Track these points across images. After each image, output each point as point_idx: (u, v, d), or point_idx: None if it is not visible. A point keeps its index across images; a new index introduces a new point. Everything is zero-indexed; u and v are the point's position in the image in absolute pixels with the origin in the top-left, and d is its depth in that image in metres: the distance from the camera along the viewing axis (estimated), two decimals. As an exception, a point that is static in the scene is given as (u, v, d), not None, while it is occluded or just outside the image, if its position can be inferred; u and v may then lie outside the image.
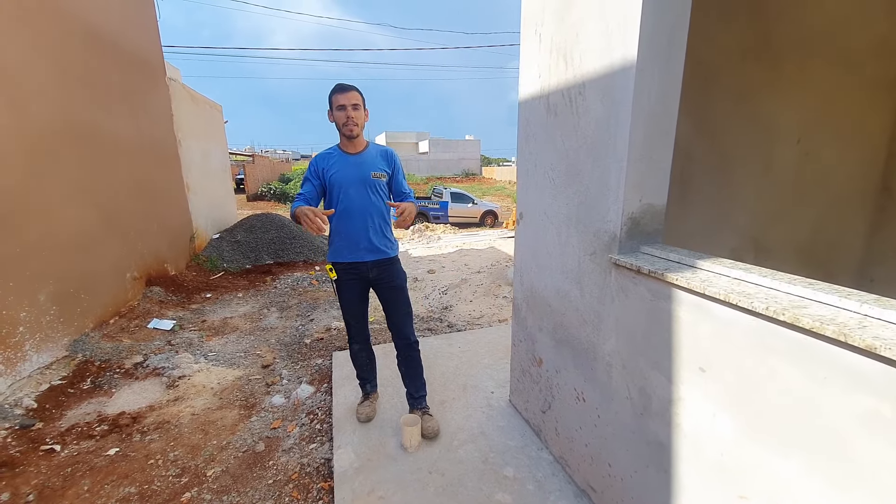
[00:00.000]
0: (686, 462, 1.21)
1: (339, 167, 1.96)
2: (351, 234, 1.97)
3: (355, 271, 2.02)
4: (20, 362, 2.71)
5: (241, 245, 6.38)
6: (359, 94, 1.92)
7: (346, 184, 1.94)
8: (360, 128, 1.94)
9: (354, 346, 2.23)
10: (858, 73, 2.34)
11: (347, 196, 1.95)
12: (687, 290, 1.14)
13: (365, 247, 1.98)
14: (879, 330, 0.78)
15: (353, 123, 1.90)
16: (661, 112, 1.32)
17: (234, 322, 4.02)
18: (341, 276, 2.04)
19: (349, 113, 1.89)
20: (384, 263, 2.04)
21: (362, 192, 1.95)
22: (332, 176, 1.95)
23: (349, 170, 1.95)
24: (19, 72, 2.97)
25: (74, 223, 3.41)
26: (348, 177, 1.95)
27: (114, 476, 1.98)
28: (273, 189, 19.48)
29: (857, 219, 2.63)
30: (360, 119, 1.93)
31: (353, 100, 1.89)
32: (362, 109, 1.94)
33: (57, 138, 3.29)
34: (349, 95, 1.89)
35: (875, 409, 0.77)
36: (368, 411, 2.27)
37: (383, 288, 2.08)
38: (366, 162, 1.98)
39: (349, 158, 1.98)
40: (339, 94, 1.89)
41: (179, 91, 5.77)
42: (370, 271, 2.02)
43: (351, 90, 1.90)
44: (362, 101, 1.94)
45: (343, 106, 1.89)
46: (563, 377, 1.81)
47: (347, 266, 2.02)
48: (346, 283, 2.05)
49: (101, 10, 4.05)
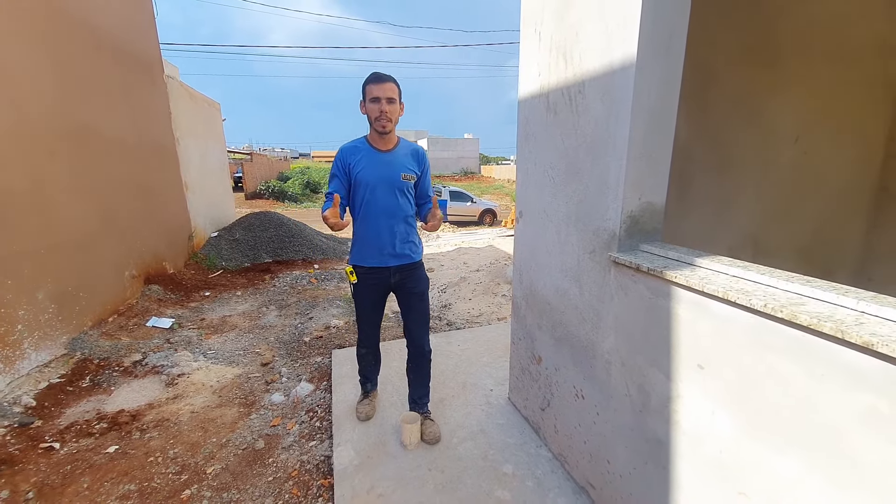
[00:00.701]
0: (685, 459, 1.22)
1: (366, 164, 1.81)
2: (375, 238, 1.86)
3: (377, 276, 1.92)
4: (19, 360, 2.71)
5: (240, 243, 6.37)
6: (396, 85, 1.76)
7: (374, 184, 1.81)
8: (393, 123, 1.78)
9: (362, 349, 2.17)
10: (857, 72, 2.35)
11: (374, 197, 1.82)
12: (686, 288, 1.14)
13: (389, 252, 1.88)
14: (877, 327, 0.78)
15: (385, 118, 1.74)
16: (661, 111, 1.32)
17: (233, 320, 4.01)
18: (361, 279, 1.93)
19: (383, 107, 1.72)
20: (408, 269, 1.95)
21: (390, 193, 1.83)
22: (358, 173, 1.81)
23: (378, 168, 1.81)
24: (17, 70, 2.95)
25: (73, 221, 3.40)
26: (376, 176, 1.81)
27: (113, 473, 1.98)
28: (271, 187, 19.44)
29: (855, 218, 2.65)
30: (395, 114, 1.77)
31: (388, 92, 1.72)
32: (398, 103, 1.77)
33: (55, 137, 3.28)
34: (385, 87, 1.72)
35: (873, 406, 0.78)
36: (368, 409, 2.25)
37: (404, 293, 2.00)
38: (396, 161, 1.84)
39: (378, 156, 1.83)
40: (373, 85, 1.72)
41: (177, 89, 5.75)
42: (392, 276, 1.93)
43: (387, 81, 1.73)
44: (398, 95, 1.77)
45: (377, 98, 1.72)
46: (562, 375, 1.82)
47: (369, 270, 1.91)
48: (366, 287, 1.95)
49: (98, 8, 4.03)
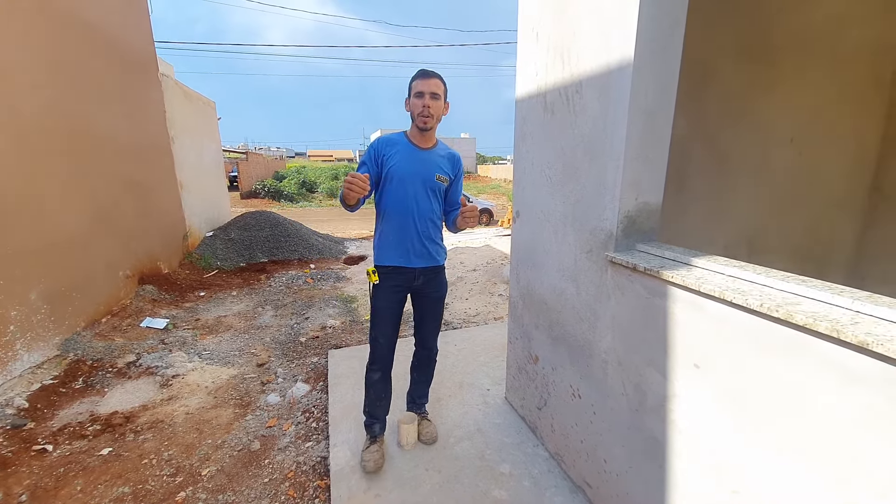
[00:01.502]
0: (680, 458, 1.22)
1: (402, 158, 1.75)
2: (401, 236, 1.79)
3: (401, 277, 1.83)
4: (11, 361, 2.68)
5: (235, 243, 6.33)
6: (441, 82, 1.71)
7: (407, 179, 1.74)
8: (435, 120, 1.72)
9: (376, 373, 1.90)
10: (851, 72, 2.37)
11: (405, 193, 1.75)
12: (682, 288, 1.15)
13: (416, 252, 1.81)
14: (872, 326, 0.79)
15: (428, 114, 1.68)
16: (658, 111, 1.32)
17: (229, 320, 3.99)
18: (384, 281, 1.82)
19: (426, 102, 1.67)
20: (432, 272, 1.88)
21: (422, 192, 1.77)
22: (392, 166, 1.74)
23: (414, 165, 1.75)
24: (10, 68, 2.92)
25: (66, 221, 3.37)
26: (411, 172, 1.74)
27: (107, 476, 1.97)
28: (267, 186, 19.37)
29: (850, 217, 2.67)
30: (438, 111, 1.71)
31: (433, 87, 1.67)
32: (442, 101, 1.72)
33: (48, 136, 3.24)
34: (430, 82, 1.67)
35: (868, 405, 0.78)
36: (377, 458, 1.89)
37: (425, 298, 1.93)
38: (432, 160, 1.78)
39: (416, 152, 1.77)
40: (419, 80, 1.69)
41: (172, 87, 5.70)
42: (417, 279, 1.85)
43: (433, 77, 1.69)
44: (444, 92, 1.72)
45: (421, 93, 1.67)
46: (558, 374, 1.82)
47: (393, 270, 1.82)
48: (389, 289, 1.84)
49: (92, 6, 3.99)
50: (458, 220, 1.75)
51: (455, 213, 1.86)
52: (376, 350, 1.88)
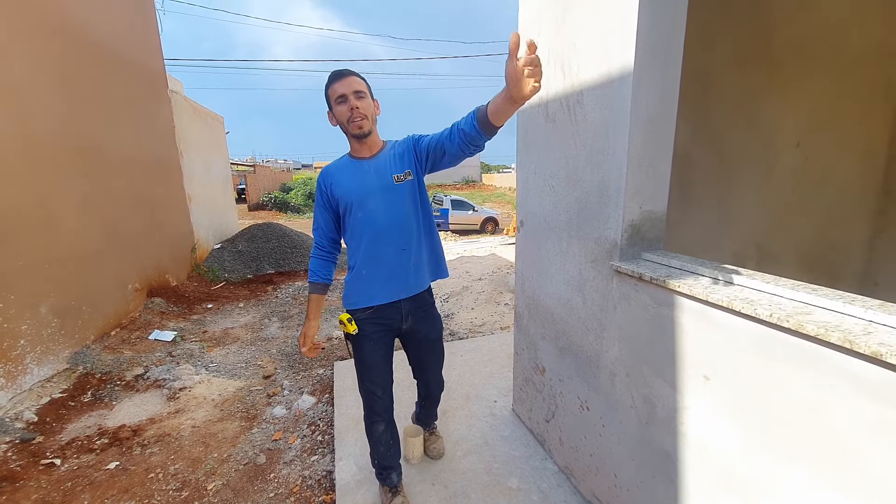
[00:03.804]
0: (692, 472, 1.19)
1: (349, 180, 1.49)
2: (377, 264, 1.50)
3: (385, 321, 1.56)
4: (21, 375, 2.70)
5: (243, 255, 6.39)
6: (360, 79, 1.45)
7: (360, 199, 1.47)
8: (370, 121, 1.45)
9: (379, 425, 1.65)
10: (857, 76, 2.35)
11: (367, 215, 1.47)
12: (689, 297, 1.13)
13: (398, 277, 1.52)
14: (885, 336, 0.77)
15: (359, 116, 1.42)
16: (660, 119, 1.32)
17: (235, 332, 4.00)
18: (364, 328, 1.54)
19: (352, 103, 1.41)
20: (421, 308, 1.62)
21: (387, 204, 1.47)
22: (340, 194, 1.49)
23: (362, 180, 1.48)
24: (24, 87, 3.00)
25: (76, 236, 3.42)
26: (362, 190, 1.47)
27: (114, 490, 1.96)
28: (274, 198, 19.59)
29: (860, 222, 2.63)
30: (369, 109, 1.45)
31: (354, 86, 1.42)
32: (369, 98, 1.46)
33: (60, 153, 3.32)
34: (348, 81, 1.42)
35: (882, 417, 0.76)
36: None
37: (419, 342, 1.69)
38: (383, 164, 1.50)
39: (362, 166, 1.50)
40: (335, 84, 1.43)
41: (181, 103, 5.83)
42: (405, 320, 1.58)
43: (348, 75, 1.43)
44: (367, 88, 1.47)
45: (343, 96, 1.41)
46: (566, 386, 1.79)
47: (373, 313, 1.54)
48: (372, 337, 1.55)
49: (104, 25, 4.11)
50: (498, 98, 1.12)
51: (461, 121, 1.30)
52: (374, 403, 1.62)
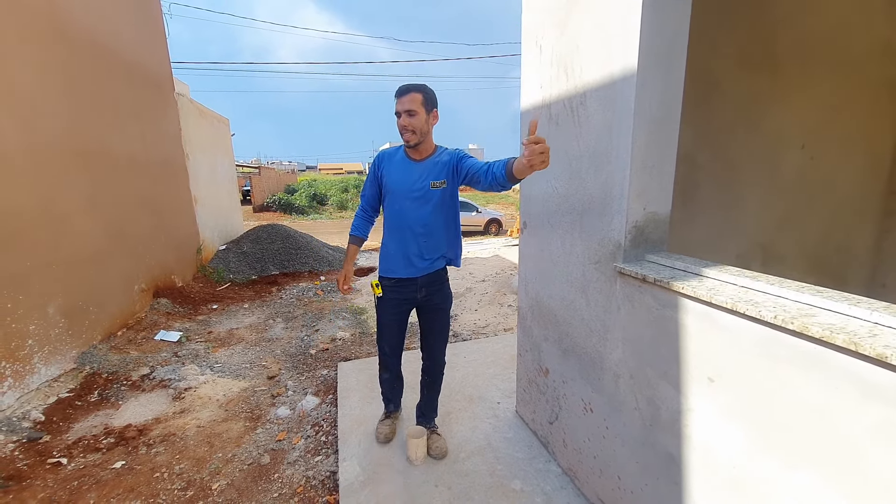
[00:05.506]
0: (696, 474, 1.19)
1: (396, 173, 1.80)
2: (400, 247, 1.83)
3: (404, 290, 1.88)
4: (29, 375, 2.73)
5: (248, 256, 6.43)
6: (419, 94, 1.68)
7: (401, 192, 1.78)
8: (417, 135, 1.70)
9: (384, 374, 2.12)
10: (861, 77, 2.34)
11: (400, 206, 1.79)
12: (693, 299, 1.13)
13: (415, 261, 1.83)
14: (891, 338, 0.76)
15: (407, 131, 1.69)
16: (663, 120, 1.32)
17: (240, 333, 4.03)
18: (387, 293, 1.90)
19: (402, 122, 1.68)
20: (436, 284, 1.91)
21: (417, 204, 1.77)
22: (387, 182, 1.82)
23: (407, 178, 1.77)
24: (31, 91, 3.04)
25: (83, 237, 3.46)
26: (405, 186, 1.77)
27: (119, 489, 1.98)
28: (279, 200, 19.67)
29: (866, 223, 2.60)
30: (418, 125, 1.69)
31: (406, 105, 1.67)
32: (423, 113, 1.69)
33: (67, 156, 3.36)
34: (404, 100, 1.68)
35: (888, 419, 0.75)
36: (388, 431, 2.16)
37: (430, 310, 1.96)
38: (426, 170, 1.77)
39: (410, 165, 1.79)
40: (397, 99, 1.71)
41: (187, 106, 5.88)
42: (420, 291, 1.89)
43: (407, 93, 1.67)
44: (422, 103, 1.68)
45: (398, 113, 1.70)
46: (569, 388, 1.79)
47: (396, 283, 1.88)
48: (392, 302, 1.91)
49: (111, 30, 4.16)
50: (518, 161, 1.36)
51: (496, 165, 1.52)
52: (384, 359, 2.08)
